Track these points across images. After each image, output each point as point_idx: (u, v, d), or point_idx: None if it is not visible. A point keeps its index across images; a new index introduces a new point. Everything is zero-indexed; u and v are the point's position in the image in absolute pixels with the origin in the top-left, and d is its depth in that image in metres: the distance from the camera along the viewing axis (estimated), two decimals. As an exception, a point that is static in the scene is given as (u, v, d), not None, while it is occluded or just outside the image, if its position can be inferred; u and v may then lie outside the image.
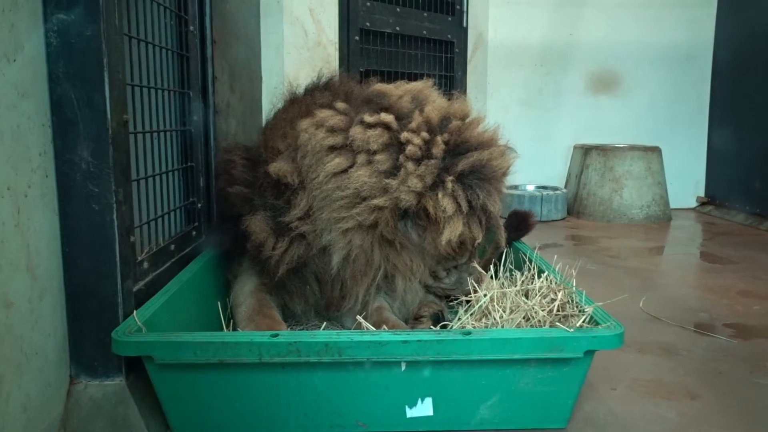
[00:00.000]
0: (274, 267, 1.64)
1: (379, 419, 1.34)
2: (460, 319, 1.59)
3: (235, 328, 1.66)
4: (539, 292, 1.58)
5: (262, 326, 1.57)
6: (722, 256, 3.20)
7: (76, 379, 1.31)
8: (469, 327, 1.52)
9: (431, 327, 1.62)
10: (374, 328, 1.51)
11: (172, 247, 1.70)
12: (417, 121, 1.54)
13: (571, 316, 1.48)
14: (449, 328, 1.48)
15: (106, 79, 1.23)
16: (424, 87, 1.69)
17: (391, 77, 3.44)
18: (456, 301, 1.73)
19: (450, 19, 3.99)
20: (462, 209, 1.49)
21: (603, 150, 4.32)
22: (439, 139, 1.53)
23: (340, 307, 1.71)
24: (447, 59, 4.05)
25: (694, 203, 4.84)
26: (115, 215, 1.27)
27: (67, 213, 1.26)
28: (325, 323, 1.72)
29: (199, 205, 1.96)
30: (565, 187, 4.61)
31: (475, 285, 1.64)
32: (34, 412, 1.17)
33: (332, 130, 1.57)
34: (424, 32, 3.81)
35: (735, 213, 4.33)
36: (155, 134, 1.69)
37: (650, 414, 1.48)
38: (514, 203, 4.07)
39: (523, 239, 2.27)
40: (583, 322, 1.39)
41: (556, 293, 1.55)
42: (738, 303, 2.36)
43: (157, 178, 1.68)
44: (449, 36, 4.00)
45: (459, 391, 1.33)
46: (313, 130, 1.59)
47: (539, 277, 1.68)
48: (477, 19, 4.37)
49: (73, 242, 1.27)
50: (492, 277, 1.87)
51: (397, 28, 3.63)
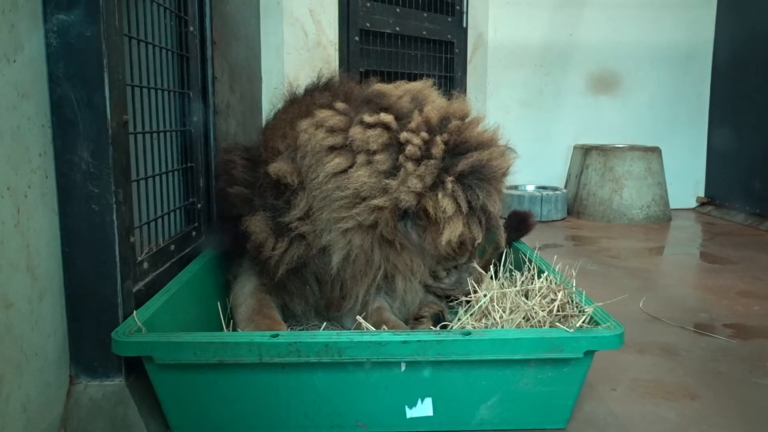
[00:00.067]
0: (274, 267, 1.64)
1: (379, 419, 1.34)
2: (460, 319, 1.59)
3: (235, 329, 1.66)
4: (539, 292, 1.58)
5: (262, 326, 1.57)
6: (722, 256, 3.20)
7: (76, 379, 1.31)
8: (469, 327, 1.52)
9: (431, 327, 1.62)
10: (374, 329, 1.51)
11: (172, 247, 1.70)
12: (416, 121, 1.54)
13: (571, 316, 1.48)
14: (449, 328, 1.48)
15: (106, 80, 1.23)
16: (424, 87, 1.69)
17: (391, 77, 3.44)
18: (456, 302, 1.73)
19: (450, 19, 3.99)
20: (462, 209, 1.49)
21: (603, 150, 4.32)
22: (438, 139, 1.53)
23: (340, 307, 1.72)
24: (447, 59, 4.05)
25: (694, 203, 4.84)
26: (115, 216, 1.27)
27: (67, 213, 1.26)
28: (325, 323, 1.72)
29: (199, 205, 1.96)
30: (565, 187, 4.61)
31: (475, 285, 1.64)
32: (34, 413, 1.17)
33: (332, 131, 1.57)
34: (424, 33, 3.81)
35: (735, 213, 4.33)
36: (155, 135, 1.69)
37: (650, 414, 1.48)
38: (514, 203, 4.07)
39: (523, 239, 2.27)
40: (583, 322, 1.39)
41: (556, 293, 1.55)
42: (738, 303, 2.36)
43: (157, 179, 1.68)
44: (449, 36, 4.00)
45: (459, 392, 1.33)
46: (312, 130, 1.60)
47: (539, 277, 1.68)
48: (477, 19, 4.37)
49: (73, 242, 1.27)
50: (492, 277, 1.86)
51: (397, 29, 3.63)
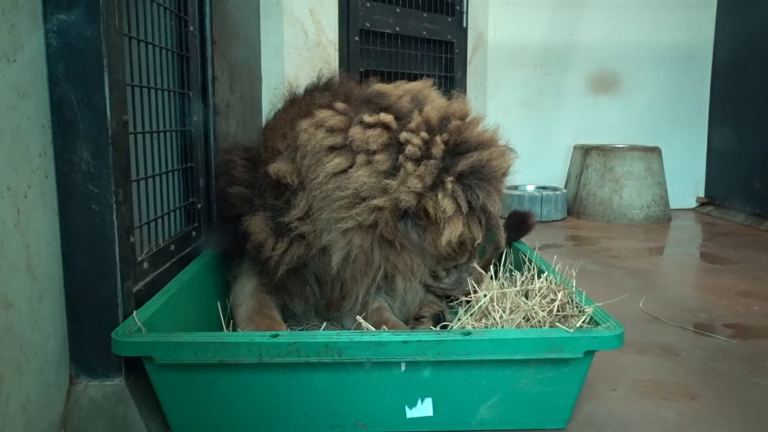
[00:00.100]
0: (274, 267, 1.64)
1: (379, 419, 1.34)
2: (460, 319, 1.59)
3: (235, 329, 1.66)
4: (539, 292, 1.58)
5: (261, 327, 1.57)
6: (722, 256, 3.20)
7: (75, 379, 1.31)
8: (469, 327, 1.52)
9: (431, 327, 1.62)
10: (374, 329, 1.51)
11: (172, 247, 1.70)
12: (416, 121, 1.54)
13: (571, 316, 1.48)
14: (449, 328, 1.48)
15: (106, 80, 1.23)
16: (424, 87, 1.69)
17: (390, 78, 3.43)
18: (456, 302, 1.73)
19: (450, 19, 3.99)
20: (462, 210, 1.49)
21: (603, 150, 4.32)
22: (438, 139, 1.53)
23: (340, 307, 1.71)
24: (447, 60, 4.05)
25: (694, 203, 4.84)
26: (114, 216, 1.27)
27: (67, 213, 1.26)
28: (325, 323, 1.72)
29: (199, 205, 1.96)
30: (565, 187, 4.61)
31: (475, 285, 1.64)
32: (34, 413, 1.17)
33: (332, 131, 1.57)
34: (424, 33, 3.81)
35: (735, 213, 4.33)
36: (155, 135, 1.69)
37: (650, 414, 1.48)
38: (514, 203, 4.07)
39: (523, 239, 2.27)
40: (583, 322, 1.39)
41: (556, 293, 1.55)
42: (738, 303, 2.36)
43: (157, 179, 1.68)
44: (449, 36, 4.00)
45: (459, 392, 1.33)
46: (312, 130, 1.59)
47: (539, 277, 1.68)
48: (477, 19, 4.37)
49: (73, 242, 1.27)
50: (492, 277, 1.86)
51: (397, 29, 3.63)
